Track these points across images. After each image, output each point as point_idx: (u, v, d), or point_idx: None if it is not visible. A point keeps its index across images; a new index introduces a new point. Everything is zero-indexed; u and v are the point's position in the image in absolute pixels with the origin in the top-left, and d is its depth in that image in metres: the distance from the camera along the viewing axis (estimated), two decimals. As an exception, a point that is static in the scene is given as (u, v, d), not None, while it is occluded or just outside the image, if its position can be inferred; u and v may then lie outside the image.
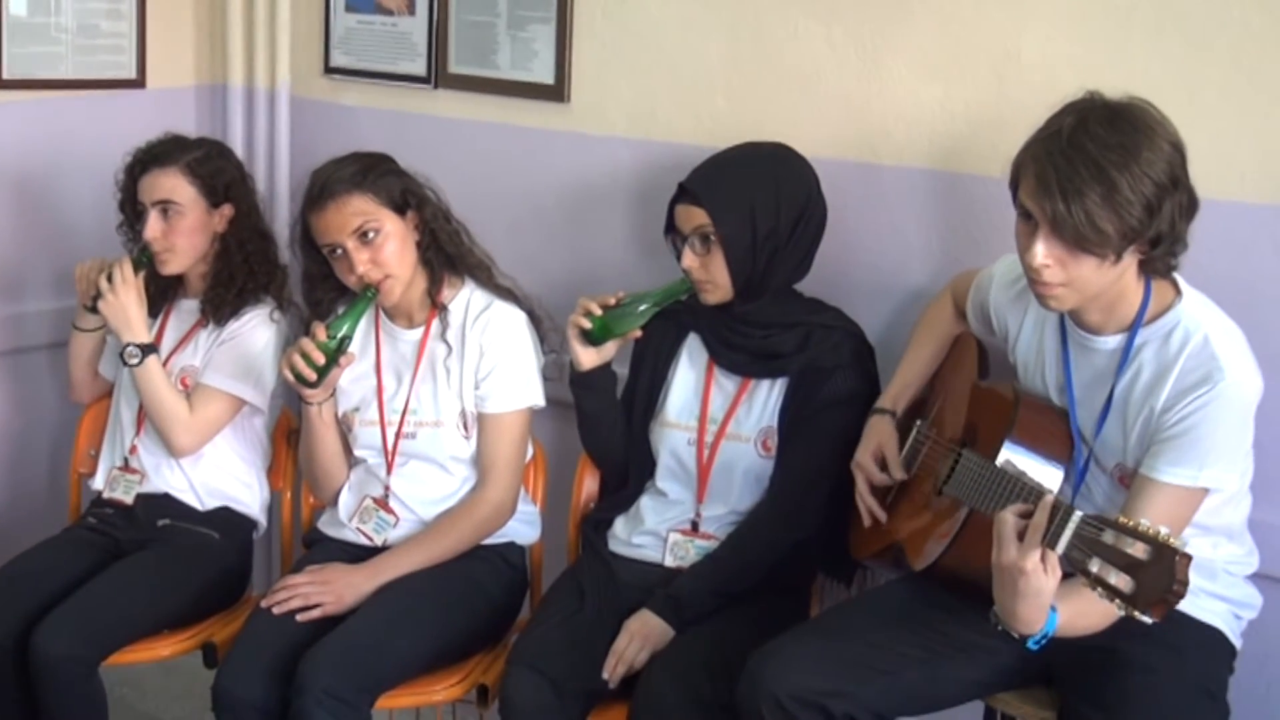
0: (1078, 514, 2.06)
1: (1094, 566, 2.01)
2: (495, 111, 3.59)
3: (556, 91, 3.48)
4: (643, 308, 2.94)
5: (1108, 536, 2.00)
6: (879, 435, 2.76)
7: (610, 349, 3.00)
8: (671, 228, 2.94)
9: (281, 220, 3.84)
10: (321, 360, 2.95)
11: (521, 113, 3.55)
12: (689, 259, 2.88)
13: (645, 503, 3.05)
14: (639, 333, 2.97)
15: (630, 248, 3.41)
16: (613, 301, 2.95)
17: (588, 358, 2.99)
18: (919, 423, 2.76)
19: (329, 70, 3.89)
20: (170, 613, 3.15)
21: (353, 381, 3.14)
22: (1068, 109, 2.32)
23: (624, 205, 3.42)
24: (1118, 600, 1.97)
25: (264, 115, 3.99)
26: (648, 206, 3.32)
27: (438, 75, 3.69)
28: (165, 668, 3.34)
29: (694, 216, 2.86)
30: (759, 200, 2.84)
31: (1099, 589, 2.00)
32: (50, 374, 3.89)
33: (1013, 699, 2.61)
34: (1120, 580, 1.96)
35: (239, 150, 3.95)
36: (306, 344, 2.95)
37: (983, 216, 2.91)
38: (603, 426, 3.09)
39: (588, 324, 2.95)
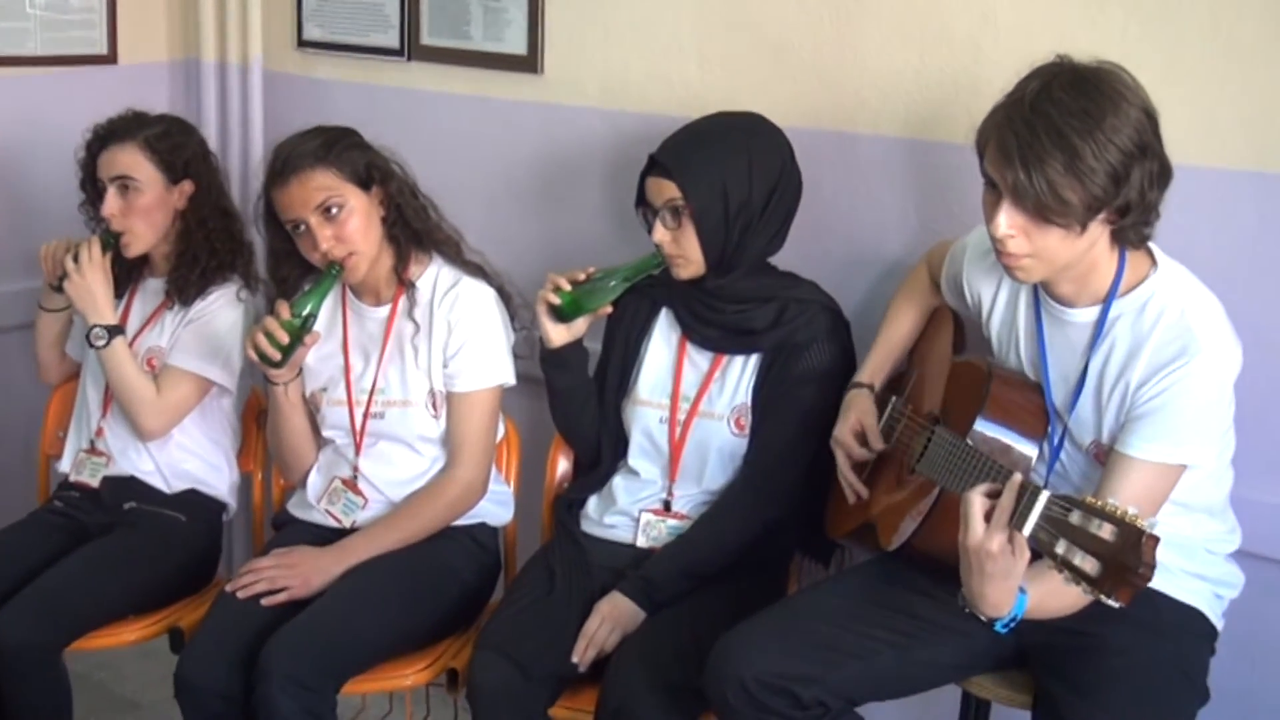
0: (1045, 494, 1.99)
1: (1060, 548, 1.94)
2: (468, 83, 3.53)
3: (530, 62, 3.41)
4: (613, 283, 2.87)
5: (1075, 517, 1.93)
6: (858, 409, 2.69)
7: (581, 325, 2.93)
8: (642, 200, 2.86)
9: (254, 197, 3.77)
10: (286, 339, 2.88)
11: (495, 84, 3.48)
12: (660, 233, 2.81)
13: (618, 482, 2.98)
14: (610, 308, 2.91)
15: (604, 221, 3.34)
16: (582, 277, 2.88)
17: (557, 334, 2.92)
18: (894, 399, 2.68)
19: (301, 44, 3.83)
20: (136, 597, 3.08)
21: (320, 360, 3.07)
22: (1034, 74, 2.24)
23: (598, 178, 3.35)
24: (1083, 584, 1.90)
25: (237, 90, 3.93)
26: (621, 179, 3.24)
27: (410, 47, 3.62)
28: (142, 651, 3.28)
29: (664, 189, 2.78)
30: (731, 172, 2.76)
31: (1065, 572, 1.93)
32: (22, 356, 3.81)
33: (988, 682, 2.55)
34: (1086, 563, 1.89)
35: (212, 126, 3.92)
36: (270, 323, 2.89)
37: (960, 186, 2.82)
38: (574, 404, 3.02)
39: (557, 300, 2.88)
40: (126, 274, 3.29)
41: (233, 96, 3.94)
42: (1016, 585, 2.11)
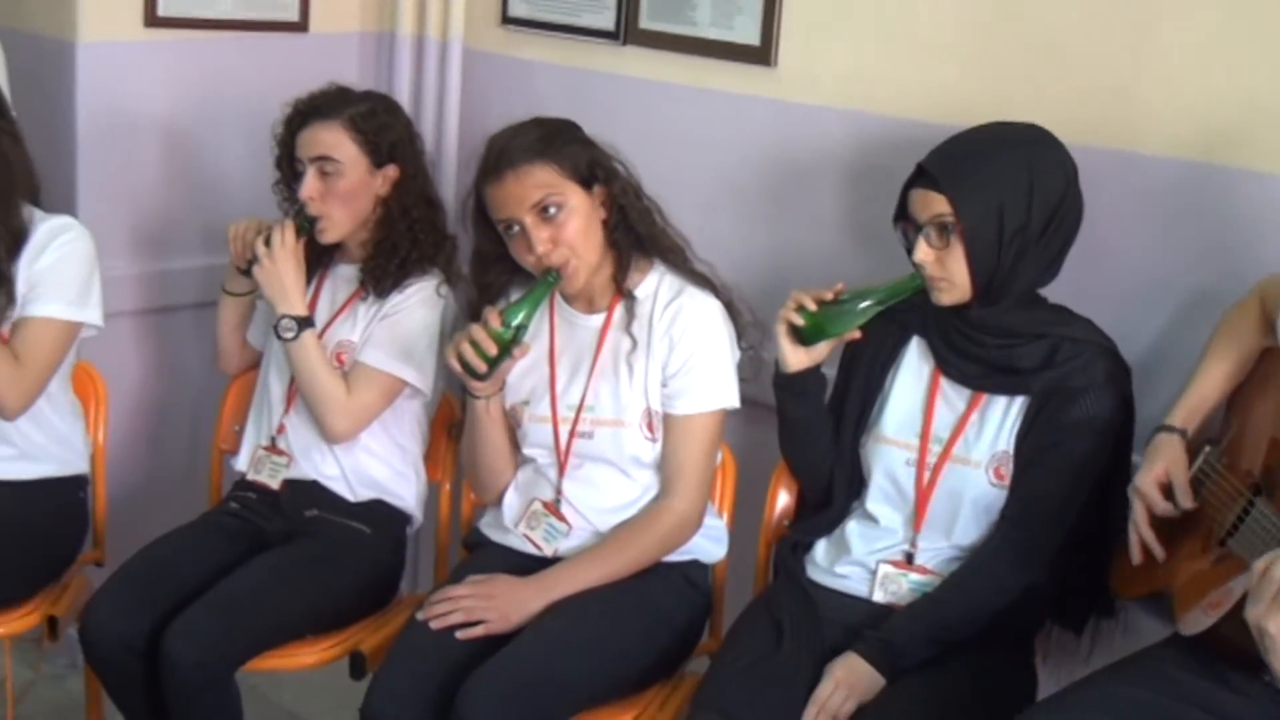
0: None
1: None
2: (690, 73, 3.24)
3: (761, 54, 3.11)
4: (864, 305, 2.58)
5: None
6: (1167, 456, 2.36)
7: (822, 350, 2.65)
8: (903, 214, 2.57)
9: (447, 184, 3.55)
10: (494, 351, 2.63)
11: (720, 76, 3.19)
12: (923, 252, 2.51)
13: (852, 527, 2.69)
14: (858, 334, 2.62)
15: (839, 233, 3.05)
16: (829, 296, 2.59)
17: (796, 358, 2.64)
18: (1207, 448, 2.36)
19: (506, 20, 3.57)
20: (315, 616, 2.87)
21: (523, 372, 2.81)
22: None
23: (835, 185, 3.05)
24: None
25: (433, 68, 3.68)
26: (861, 188, 2.98)
27: (627, 30, 3.34)
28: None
29: (933, 203, 2.49)
30: (1009, 190, 2.46)
31: None
32: (194, 337, 3.64)
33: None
34: None
35: (405, 105, 3.64)
36: (478, 332, 2.63)
37: (1272, 220, 2.50)
38: (808, 437, 2.74)
39: (800, 320, 2.59)
40: (316, 257, 3.07)
41: (429, 74, 3.69)
42: None
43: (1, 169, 2.89)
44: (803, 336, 2.61)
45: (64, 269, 2.93)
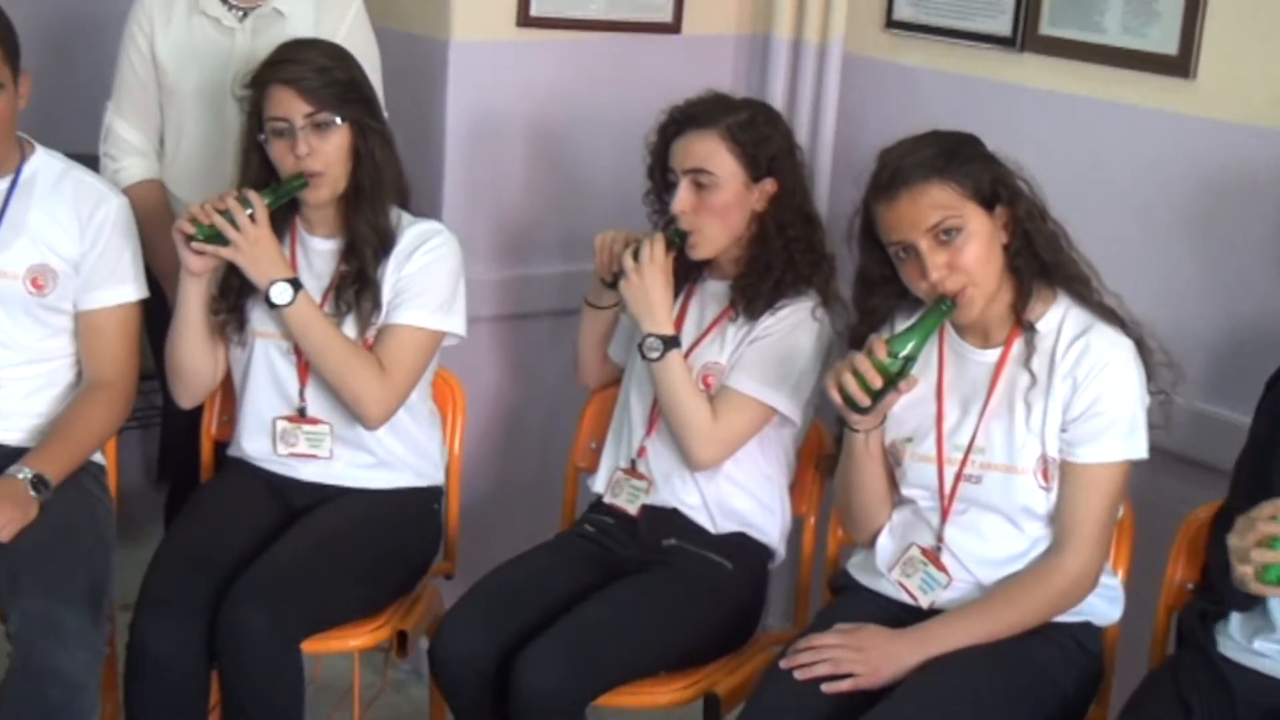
0: None
1: None
2: (1097, 85, 2.99)
3: (1180, 65, 2.85)
4: None
5: None
6: None
7: None
8: None
9: (820, 198, 3.35)
10: (879, 383, 2.43)
11: (1132, 88, 2.93)
12: None
13: (1275, 601, 2.39)
14: None
15: (1270, 264, 2.74)
16: None
17: None
18: None
19: (890, 24, 3.38)
20: (671, 653, 2.73)
21: (907, 406, 2.60)
22: None
23: (1263, 212, 2.75)
24: None
25: (810, 73, 3.51)
26: (1293, 216, 2.68)
27: (1025, 36, 3.11)
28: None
29: None
30: None
31: None
32: (550, 345, 3.55)
33: None
34: None
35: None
36: (861, 361, 2.44)
37: None
38: None
39: None
40: (684, 273, 2.92)
41: (805, 79, 3.52)
42: None
43: (371, 172, 2.86)
44: None
45: (430, 276, 2.88)
